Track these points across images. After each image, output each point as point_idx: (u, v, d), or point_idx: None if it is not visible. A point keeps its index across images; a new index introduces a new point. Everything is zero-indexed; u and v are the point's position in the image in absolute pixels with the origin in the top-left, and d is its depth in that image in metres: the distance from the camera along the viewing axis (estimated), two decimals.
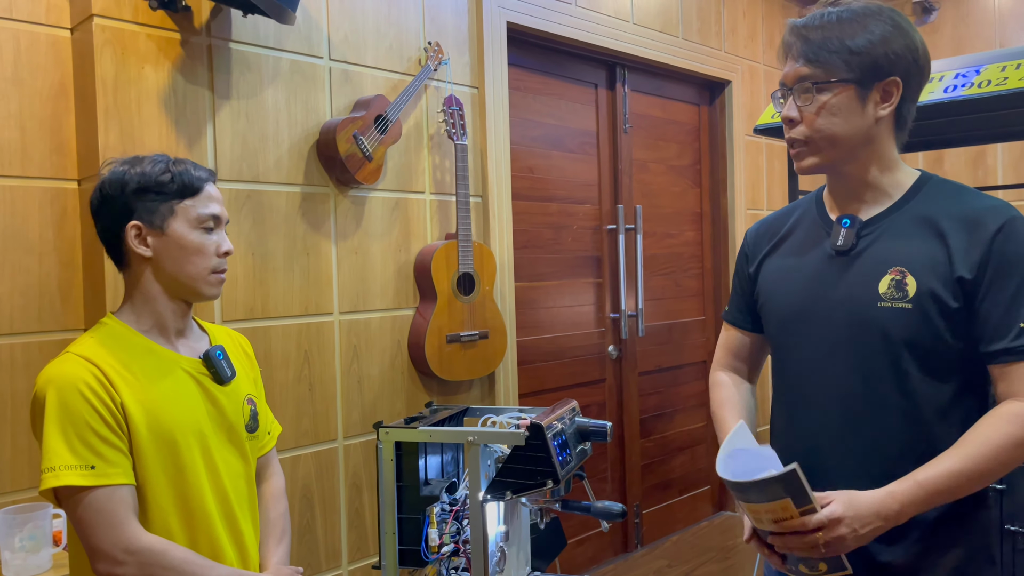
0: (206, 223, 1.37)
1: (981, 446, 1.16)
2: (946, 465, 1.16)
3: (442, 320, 2.51)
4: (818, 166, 1.30)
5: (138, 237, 1.36)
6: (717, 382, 1.51)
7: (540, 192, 3.13)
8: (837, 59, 1.24)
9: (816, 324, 1.31)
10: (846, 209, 1.33)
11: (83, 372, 1.24)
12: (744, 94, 3.99)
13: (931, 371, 1.23)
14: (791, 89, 1.28)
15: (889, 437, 1.24)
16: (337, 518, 2.37)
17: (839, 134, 1.26)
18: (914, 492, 1.15)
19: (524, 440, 1.39)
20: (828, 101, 1.25)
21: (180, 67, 2.05)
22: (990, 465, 1.16)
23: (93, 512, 1.20)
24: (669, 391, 3.75)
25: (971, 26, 4.19)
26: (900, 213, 1.28)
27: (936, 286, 1.21)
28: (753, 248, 1.47)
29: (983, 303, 1.20)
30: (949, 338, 1.22)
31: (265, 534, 1.45)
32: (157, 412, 1.28)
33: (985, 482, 1.18)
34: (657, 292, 3.68)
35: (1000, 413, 1.19)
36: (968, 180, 4.17)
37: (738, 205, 3.93)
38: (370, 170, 2.37)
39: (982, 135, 3.11)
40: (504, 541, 1.50)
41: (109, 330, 1.34)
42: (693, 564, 3.38)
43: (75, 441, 1.21)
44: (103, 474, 1.21)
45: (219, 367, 1.39)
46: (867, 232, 1.29)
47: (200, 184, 1.38)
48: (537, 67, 3.12)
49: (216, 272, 1.39)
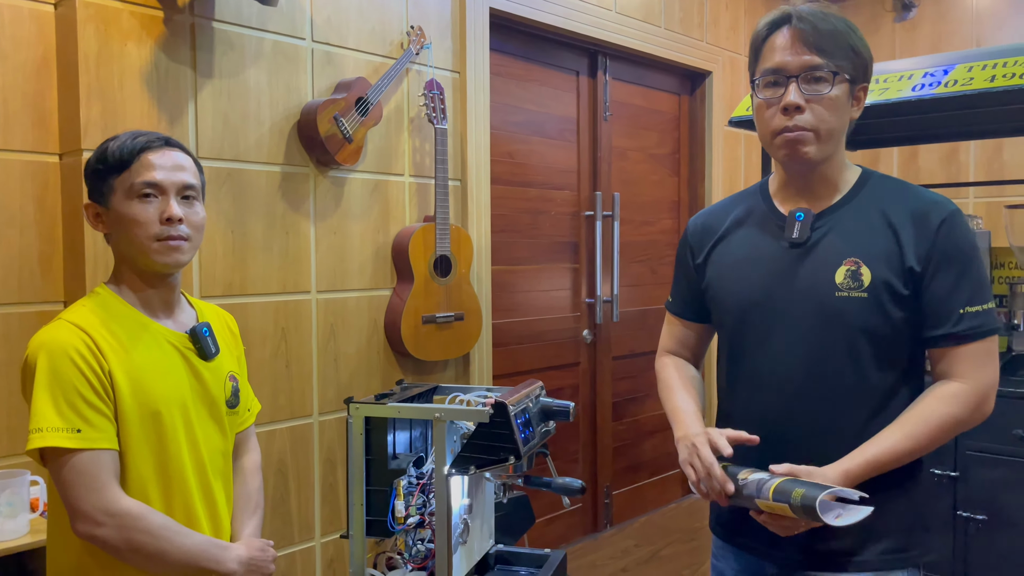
0: (141, 192, 1.34)
1: (922, 424, 1.26)
2: (891, 442, 1.26)
3: (418, 301, 2.56)
4: (815, 158, 1.31)
5: (96, 217, 1.40)
6: (663, 365, 1.57)
7: (519, 177, 3.18)
8: (843, 55, 1.28)
9: (776, 313, 1.36)
10: (797, 202, 1.38)
11: (74, 339, 1.28)
12: (724, 85, 4.04)
13: (882, 355, 1.30)
14: (793, 77, 1.28)
15: (843, 416, 1.31)
16: (311, 492, 2.43)
17: (835, 129, 1.31)
18: (863, 469, 1.25)
19: (488, 417, 1.45)
20: (833, 95, 1.28)
21: (163, 45, 2.08)
22: (930, 441, 1.26)
23: (76, 474, 1.25)
24: (642, 376, 3.82)
25: (949, 23, 4.25)
26: (849, 207, 1.34)
27: (889, 276, 1.28)
28: (698, 241, 1.51)
29: (927, 291, 1.28)
30: (900, 325, 1.30)
31: (239, 507, 1.50)
32: (143, 382, 1.32)
33: (923, 454, 1.29)
34: (633, 279, 3.74)
35: (938, 393, 1.28)
36: (940, 176, 4.26)
37: (715, 195, 3.99)
38: (350, 151, 2.41)
39: (951, 133, 3.19)
40: (468, 514, 1.56)
41: (101, 300, 1.37)
42: (660, 544, 3.47)
43: (63, 405, 1.25)
44: (88, 438, 1.26)
45: (204, 343, 1.43)
46: (819, 225, 1.35)
47: (132, 155, 1.35)
48: (519, 53, 3.16)
49: (161, 240, 1.35)
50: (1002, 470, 2.46)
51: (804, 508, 1.15)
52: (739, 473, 1.27)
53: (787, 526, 1.21)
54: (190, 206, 1.39)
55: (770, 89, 1.32)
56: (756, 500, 1.22)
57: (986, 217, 3.92)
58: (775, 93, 1.31)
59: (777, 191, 1.43)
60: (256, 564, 1.38)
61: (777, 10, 1.33)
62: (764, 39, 1.33)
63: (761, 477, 1.24)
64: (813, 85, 1.28)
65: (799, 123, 1.29)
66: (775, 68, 1.31)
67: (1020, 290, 2.67)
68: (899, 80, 2.57)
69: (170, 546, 1.29)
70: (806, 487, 1.17)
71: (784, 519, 1.20)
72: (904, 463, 1.26)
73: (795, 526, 1.22)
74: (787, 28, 1.30)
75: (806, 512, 1.15)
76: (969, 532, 2.52)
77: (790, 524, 1.21)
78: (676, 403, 1.46)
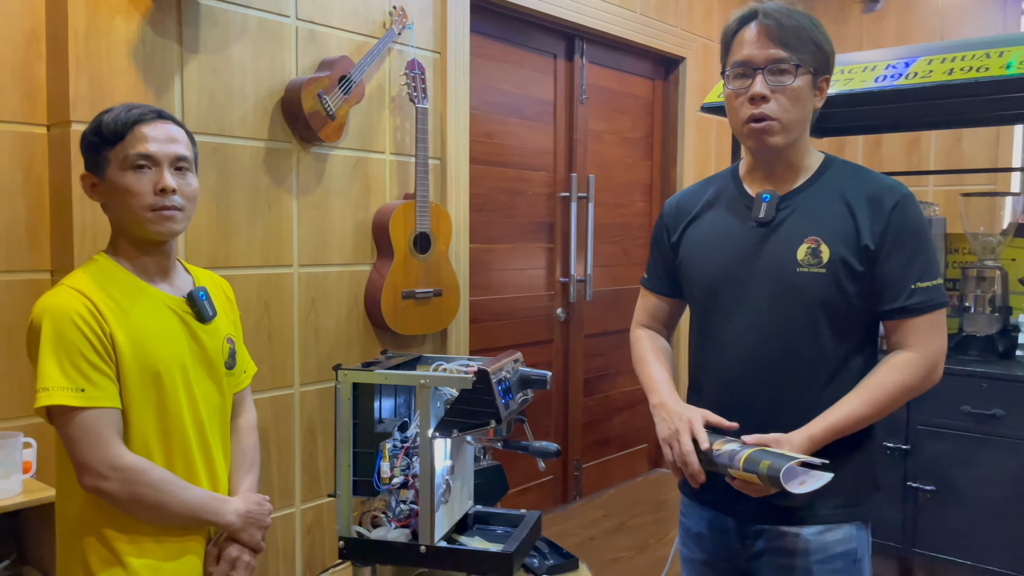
0: (136, 163, 1.39)
1: (879, 390, 1.37)
2: (851, 408, 1.37)
3: (398, 276, 2.63)
4: (782, 144, 1.41)
5: (92, 188, 1.45)
6: (637, 337, 1.66)
7: (497, 157, 3.25)
8: (805, 49, 1.38)
9: (742, 287, 1.47)
10: (764, 185, 1.48)
11: (76, 303, 1.34)
12: (697, 71, 4.13)
13: (838, 327, 1.41)
14: (759, 69, 1.39)
15: (801, 382, 1.42)
16: (292, 460, 2.50)
17: (799, 118, 1.41)
18: (826, 433, 1.36)
19: (471, 384, 1.53)
20: (796, 86, 1.39)
21: (150, 20, 2.11)
22: (885, 406, 1.38)
23: (82, 431, 1.31)
24: (613, 353, 3.93)
25: (915, 15, 4.38)
26: (812, 190, 1.44)
27: (846, 253, 1.39)
28: (673, 220, 1.61)
29: (881, 268, 1.39)
30: (855, 299, 1.40)
31: (236, 464, 1.57)
32: (143, 344, 1.39)
33: (880, 418, 1.40)
34: (606, 259, 3.84)
35: (893, 362, 1.39)
36: (902, 164, 4.40)
37: (687, 178, 4.09)
38: (333, 128, 2.46)
39: (912, 123, 3.32)
40: (450, 475, 1.64)
41: (100, 267, 1.43)
42: (627, 515, 3.59)
43: (67, 365, 1.31)
44: (91, 397, 1.32)
45: (201, 307, 1.49)
46: (784, 206, 1.45)
47: (125, 127, 1.39)
48: (498, 35, 3.22)
49: (155, 209, 1.39)
50: (950, 444, 2.60)
51: (770, 478, 1.25)
52: (714, 443, 1.36)
53: (758, 489, 1.31)
54: (183, 177, 1.44)
55: (739, 80, 1.42)
56: (729, 469, 1.32)
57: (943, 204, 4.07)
58: (743, 84, 1.41)
59: (746, 174, 1.52)
60: (253, 517, 1.46)
61: (746, 6, 1.43)
62: (734, 33, 1.44)
63: (733, 448, 1.33)
64: (778, 77, 1.38)
65: (765, 112, 1.40)
66: (743, 61, 1.41)
67: (972, 274, 2.80)
68: (863, 71, 2.68)
69: (171, 499, 1.37)
70: (772, 458, 1.27)
71: (754, 485, 1.30)
72: (863, 427, 1.38)
73: (765, 491, 1.32)
74: (755, 23, 1.41)
75: (772, 482, 1.25)
76: (919, 502, 2.66)
77: (760, 489, 1.31)
78: (650, 372, 1.56)
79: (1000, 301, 2.76)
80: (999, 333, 2.76)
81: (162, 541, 1.39)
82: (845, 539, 1.42)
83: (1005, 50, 2.42)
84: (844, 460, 1.41)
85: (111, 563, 1.36)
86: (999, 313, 2.76)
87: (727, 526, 1.50)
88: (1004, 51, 2.41)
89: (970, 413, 2.56)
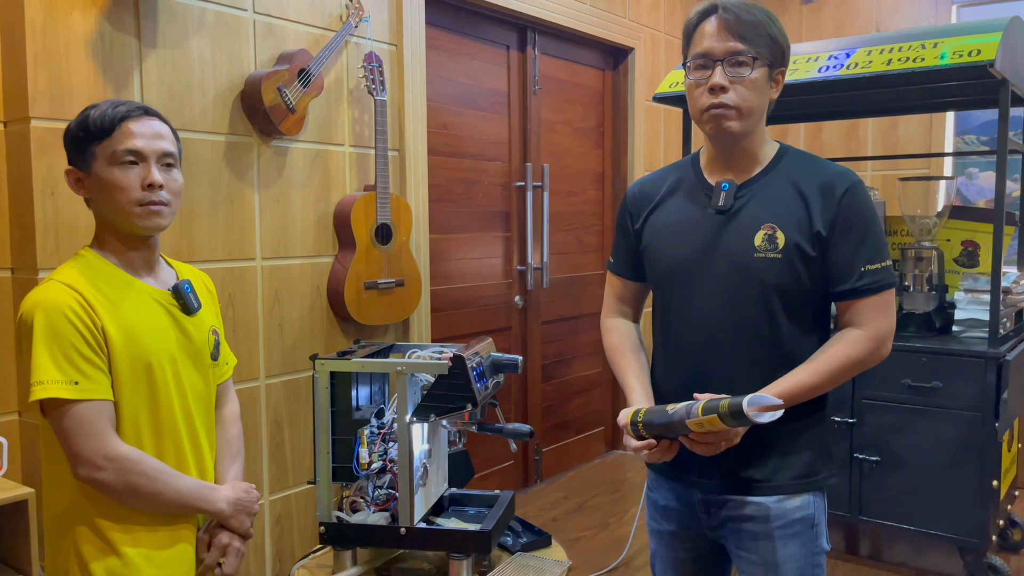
0: (123, 159, 1.41)
1: (828, 363, 1.46)
2: (800, 378, 1.45)
3: (360, 268, 2.66)
4: (738, 132, 1.49)
5: (77, 183, 1.45)
6: (608, 328, 1.73)
7: (454, 148, 3.29)
8: (762, 43, 1.46)
9: (701, 272, 1.54)
10: (724, 174, 1.56)
11: (67, 297, 1.34)
12: (646, 61, 4.23)
13: (792, 309, 1.50)
14: (719, 61, 1.46)
15: (757, 361, 1.51)
16: (259, 451, 2.51)
17: (755, 107, 1.49)
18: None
19: (448, 370, 1.58)
20: (753, 77, 1.47)
21: (107, 14, 2.09)
22: (833, 377, 1.47)
23: (76, 423, 1.33)
24: (569, 339, 4.01)
25: (851, 7, 4.55)
26: (768, 178, 1.53)
27: (799, 239, 1.47)
28: (636, 206, 1.68)
29: (833, 253, 1.48)
30: (808, 283, 1.49)
31: (221, 453, 1.60)
32: (134, 336, 1.40)
33: (828, 389, 1.49)
34: (561, 247, 3.91)
35: (842, 339, 1.49)
36: (842, 150, 4.57)
37: (637, 167, 4.19)
38: (293, 122, 2.47)
39: (852, 111, 3.46)
40: (427, 459, 1.69)
41: (87, 261, 1.44)
42: (586, 496, 3.69)
43: (60, 359, 1.32)
44: (85, 389, 1.33)
45: (187, 299, 1.51)
46: (742, 194, 1.53)
47: (113, 123, 1.41)
48: (452, 27, 3.25)
49: (143, 204, 1.41)
50: (892, 416, 2.75)
51: (732, 412, 1.30)
52: (667, 407, 1.43)
53: (710, 442, 1.38)
54: (168, 172, 1.46)
55: (699, 71, 1.50)
56: (687, 422, 1.38)
57: (882, 188, 4.26)
58: (703, 75, 1.49)
59: (706, 164, 1.60)
60: (242, 504, 1.49)
61: (707, 0, 1.50)
62: (695, 27, 1.51)
63: (688, 403, 1.40)
64: (736, 68, 1.46)
65: (723, 101, 1.48)
66: (703, 53, 1.49)
67: (910, 255, 2.95)
68: (807, 62, 2.80)
69: (165, 488, 1.39)
70: (730, 398, 1.34)
71: (708, 436, 1.37)
72: (812, 397, 1.47)
73: (717, 442, 1.38)
74: (715, 17, 1.48)
75: (733, 415, 1.30)
76: (864, 472, 2.81)
77: (713, 440, 1.38)
78: (627, 378, 1.62)
79: (937, 280, 2.92)
80: (936, 310, 2.92)
81: (155, 530, 1.41)
82: (803, 506, 1.52)
83: (939, 41, 2.55)
84: (801, 433, 1.50)
85: (105, 552, 1.38)
86: (936, 291, 2.91)
87: (693, 498, 1.58)
88: (938, 42, 2.55)
89: (910, 386, 2.71)
